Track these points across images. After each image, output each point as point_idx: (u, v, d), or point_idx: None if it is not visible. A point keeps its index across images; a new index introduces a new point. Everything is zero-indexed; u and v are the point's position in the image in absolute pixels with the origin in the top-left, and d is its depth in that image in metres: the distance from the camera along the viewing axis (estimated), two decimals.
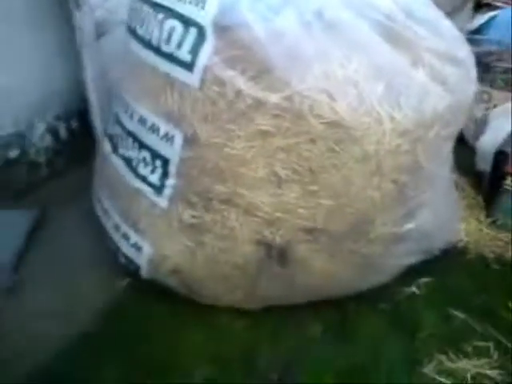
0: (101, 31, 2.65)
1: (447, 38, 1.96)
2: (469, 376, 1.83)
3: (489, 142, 2.76)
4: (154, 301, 2.15)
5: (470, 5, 4.08)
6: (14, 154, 2.69)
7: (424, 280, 2.22)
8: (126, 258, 2.19)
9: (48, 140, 2.86)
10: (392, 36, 1.84)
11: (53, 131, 2.88)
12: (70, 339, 1.98)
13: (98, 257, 2.36)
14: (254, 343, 2.01)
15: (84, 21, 2.54)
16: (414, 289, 2.20)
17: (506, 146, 2.51)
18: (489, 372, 1.85)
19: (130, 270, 2.20)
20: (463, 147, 2.90)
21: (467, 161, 2.87)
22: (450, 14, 2.54)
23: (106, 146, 2.31)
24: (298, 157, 1.75)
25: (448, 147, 2.05)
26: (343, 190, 1.79)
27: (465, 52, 1.97)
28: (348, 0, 1.85)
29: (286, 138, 1.74)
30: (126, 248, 2.17)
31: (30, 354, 1.92)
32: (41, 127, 2.79)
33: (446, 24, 2.01)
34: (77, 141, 2.95)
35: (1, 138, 2.63)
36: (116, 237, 2.22)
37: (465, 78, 1.92)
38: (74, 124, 2.97)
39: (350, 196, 1.80)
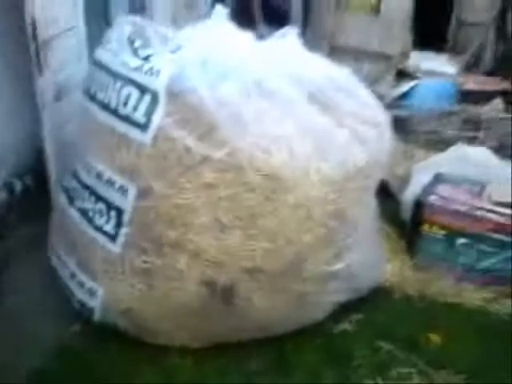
0: (59, 94, 2.88)
1: (366, 105, 2.32)
2: None
3: (410, 194, 3.11)
4: (105, 343, 2.28)
5: (391, 76, 4.61)
6: None
7: (354, 317, 2.46)
8: (81, 303, 2.33)
9: (2, 195, 2.99)
10: (320, 103, 2.18)
11: (8, 187, 3.02)
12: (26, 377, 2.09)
13: (53, 305, 2.47)
14: (201, 380, 2.17)
15: (45, 84, 2.76)
16: (346, 325, 2.43)
17: (423, 196, 2.87)
18: None
19: (84, 315, 2.34)
20: (389, 200, 3.26)
21: (392, 212, 3.21)
22: (373, 83, 2.95)
23: (62, 199, 2.49)
24: (239, 205, 2.01)
25: (369, 197, 2.36)
26: (279, 234, 2.05)
27: (381, 116, 2.33)
28: (283, 73, 2.18)
29: (228, 188, 2.00)
30: (80, 294, 2.31)
31: None
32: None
33: (366, 93, 2.37)
34: (31, 197, 3.08)
35: None
36: (71, 285, 2.36)
37: (381, 138, 2.26)
38: (28, 180, 3.11)
39: (285, 238, 2.06)
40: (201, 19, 3.83)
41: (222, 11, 2.51)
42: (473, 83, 5.67)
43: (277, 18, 5.50)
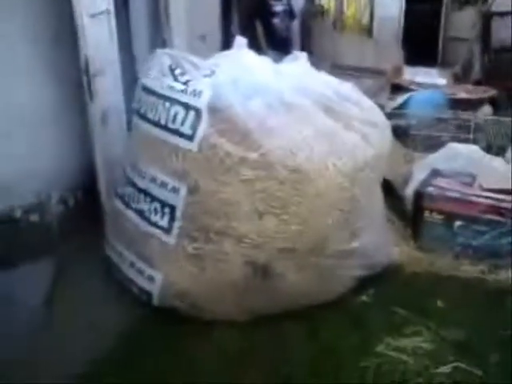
0: (105, 118, 3.38)
1: (368, 110, 2.80)
2: (409, 349, 2.49)
3: (411, 189, 3.57)
4: (162, 322, 2.70)
5: (387, 89, 5.13)
6: (34, 218, 3.28)
7: (371, 290, 2.90)
8: (140, 289, 2.77)
9: (59, 208, 3.47)
10: (329, 110, 2.66)
11: (63, 201, 3.50)
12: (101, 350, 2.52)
13: (112, 295, 2.93)
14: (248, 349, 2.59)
15: (94, 109, 3.26)
16: (364, 297, 2.87)
17: (422, 187, 3.33)
18: (423, 345, 2.51)
19: (142, 299, 2.78)
20: (394, 197, 3.72)
21: (397, 206, 3.66)
22: (371, 96, 3.43)
23: (118, 204, 2.95)
24: (272, 195, 2.47)
25: (376, 185, 2.83)
26: (306, 218, 2.51)
27: (381, 119, 2.81)
28: (299, 88, 2.67)
29: (262, 182, 2.47)
30: (140, 281, 2.76)
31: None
32: (55, 197, 3.41)
33: (366, 100, 2.86)
34: (82, 209, 3.56)
35: (24, 206, 3.22)
36: (131, 274, 2.81)
37: (382, 136, 2.74)
38: (80, 195, 3.59)
39: (311, 221, 2.52)
40: (214, 49, 4.43)
41: (242, 41, 3.03)
42: (463, 92, 6.15)
43: (279, 45, 6.08)
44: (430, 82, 6.58)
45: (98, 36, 3.31)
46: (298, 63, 3.01)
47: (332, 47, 6.33)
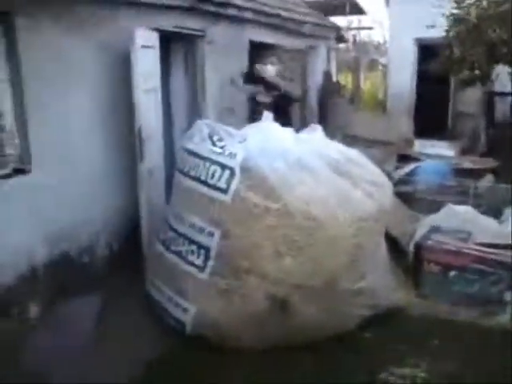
0: (149, 175, 4.00)
1: (372, 172, 3.36)
2: (409, 377, 2.90)
3: (413, 244, 4.05)
4: (194, 348, 3.15)
5: (394, 159, 5.72)
6: (85, 259, 3.84)
7: (375, 328, 3.32)
8: (175, 319, 3.25)
9: (105, 252, 4.03)
10: (340, 171, 3.22)
11: (109, 246, 4.06)
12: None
13: (152, 323, 3.40)
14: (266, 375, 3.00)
15: (143, 168, 3.89)
16: (368, 334, 3.29)
17: (422, 241, 3.81)
18: (421, 374, 2.93)
19: (177, 329, 3.25)
20: (400, 253, 4.18)
21: (402, 260, 4.12)
22: (380, 164, 3.99)
23: (159, 247, 3.49)
24: (291, 239, 2.99)
25: (380, 237, 3.33)
26: (320, 259, 3.01)
27: (383, 180, 3.35)
28: (314, 152, 3.25)
29: (283, 228, 2.99)
30: (175, 312, 3.24)
31: None
32: (102, 241, 3.98)
33: (371, 165, 3.42)
34: (125, 254, 4.10)
35: (77, 248, 3.78)
36: (168, 306, 3.30)
37: (384, 194, 3.27)
38: (123, 241, 4.15)
39: (323, 262, 3.01)
40: (241, 121, 5.09)
41: (268, 115, 3.67)
42: (468, 163, 6.70)
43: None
44: (438, 153, 7.16)
45: (148, 108, 3.98)
46: (314, 133, 3.62)
47: (348, 121, 6.98)
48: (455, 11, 6.71)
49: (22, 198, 3.32)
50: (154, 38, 4.09)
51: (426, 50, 8.76)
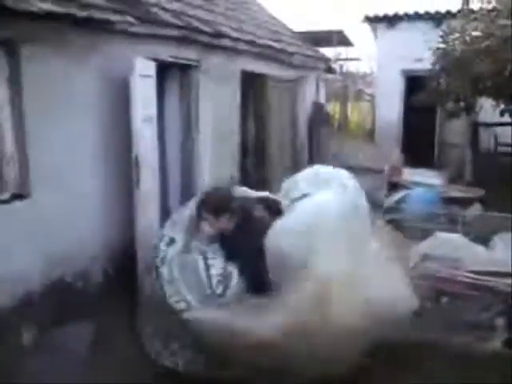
0: (147, 201, 4.04)
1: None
2: None
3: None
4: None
5: (385, 187, 5.85)
6: (80, 284, 3.84)
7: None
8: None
9: (100, 279, 4.04)
10: None
11: (104, 272, 4.07)
12: None
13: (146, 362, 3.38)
14: None
15: (139, 194, 3.94)
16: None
17: (415, 267, 3.88)
18: None
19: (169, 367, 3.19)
20: None
21: None
22: (371, 192, 4.08)
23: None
24: None
25: None
26: None
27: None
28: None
29: None
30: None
31: None
32: (98, 267, 3.99)
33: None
34: (119, 280, 4.10)
35: (74, 274, 3.79)
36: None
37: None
38: (119, 268, 4.16)
39: None
40: (233, 149, 5.16)
41: None
42: (456, 192, 6.85)
43: None
44: (426, 182, 7.30)
45: (145, 136, 4.05)
46: None
47: (338, 150, 7.13)
48: (441, 45, 6.95)
49: (19, 223, 3.34)
50: (151, 68, 4.19)
51: (413, 82, 9.04)
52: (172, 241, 3.14)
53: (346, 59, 14.04)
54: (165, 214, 4.26)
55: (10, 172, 3.33)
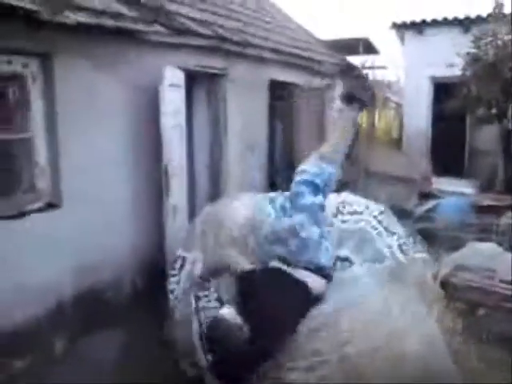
0: (175, 214, 4.04)
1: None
2: None
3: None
4: None
5: (415, 196, 5.76)
6: (109, 295, 3.85)
7: None
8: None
9: (128, 291, 4.04)
10: None
11: (133, 284, 4.08)
12: None
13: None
14: None
15: (169, 204, 3.94)
16: None
17: (446, 278, 3.78)
18: None
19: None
20: None
21: None
22: (401, 201, 4.01)
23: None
24: None
25: None
26: None
27: None
28: None
29: None
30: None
31: None
32: (127, 278, 4.00)
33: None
34: (148, 291, 4.10)
35: (102, 284, 3.81)
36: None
37: None
38: (147, 279, 4.16)
39: None
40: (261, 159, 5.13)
41: None
42: (488, 200, 6.69)
43: None
44: (457, 191, 7.16)
45: (174, 145, 4.07)
46: None
47: (367, 158, 7.03)
48: (472, 50, 6.82)
49: (52, 232, 3.37)
50: (180, 77, 4.21)
51: (442, 89, 8.89)
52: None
53: (372, 67, 13.92)
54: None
55: (44, 182, 3.36)
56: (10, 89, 3.23)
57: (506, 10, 6.84)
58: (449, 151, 9.15)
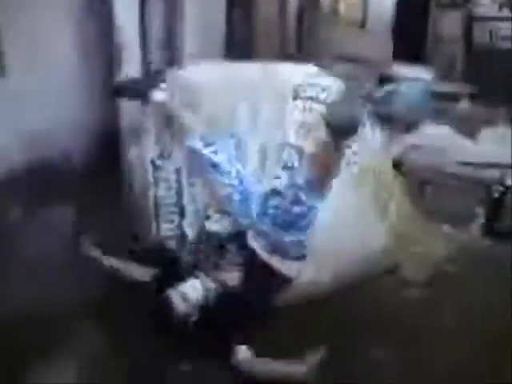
0: None
1: None
2: None
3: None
4: None
5: (376, 78, 5.73)
6: (60, 165, 3.78)
7: None
8: None
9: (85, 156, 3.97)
10: None
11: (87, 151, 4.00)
12: None
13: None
14: None
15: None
16: None
17: (400, 156, 3.89)
18: None
19: None
20: None
21: None
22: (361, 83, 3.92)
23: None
24: None
25: None
26: None
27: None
28: None
29: None
30: None
31: None
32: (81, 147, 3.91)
33: None
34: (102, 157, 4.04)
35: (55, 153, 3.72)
36: None
37: None
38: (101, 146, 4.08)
39: None
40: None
41: None
42: (446, 87, 6.77)
43: None
44: (416, 76, 7.15)
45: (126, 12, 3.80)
46: None
47: (328, 37, 6.86)
48: None
49: None
50: None
51: None
52: None
53: None
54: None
55: None
56: None
57: None
58: (411, 37, 8.99)
